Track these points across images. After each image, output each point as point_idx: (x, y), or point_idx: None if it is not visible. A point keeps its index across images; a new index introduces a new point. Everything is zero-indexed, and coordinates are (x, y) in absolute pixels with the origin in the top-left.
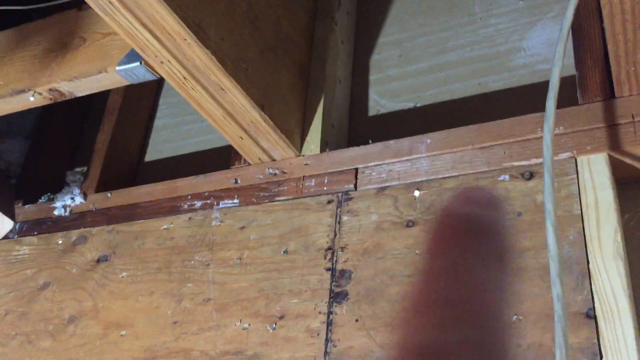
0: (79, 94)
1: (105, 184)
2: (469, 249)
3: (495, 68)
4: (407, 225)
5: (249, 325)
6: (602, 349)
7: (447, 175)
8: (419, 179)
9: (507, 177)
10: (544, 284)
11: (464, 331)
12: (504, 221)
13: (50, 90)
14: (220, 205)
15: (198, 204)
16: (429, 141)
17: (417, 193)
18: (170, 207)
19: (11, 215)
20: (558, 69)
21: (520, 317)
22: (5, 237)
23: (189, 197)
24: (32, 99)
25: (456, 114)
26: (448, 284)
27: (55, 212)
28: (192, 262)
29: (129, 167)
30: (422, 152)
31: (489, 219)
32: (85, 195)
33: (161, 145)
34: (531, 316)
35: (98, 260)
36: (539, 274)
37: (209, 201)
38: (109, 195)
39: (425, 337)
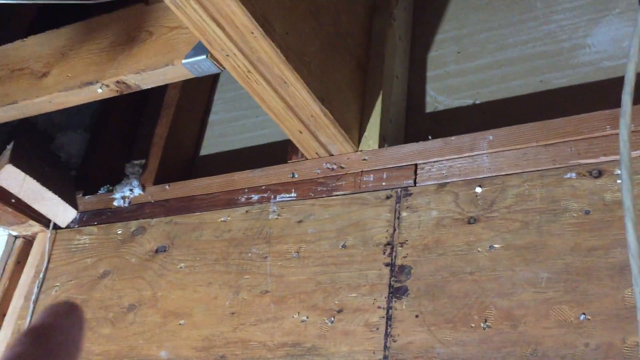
0: (145, 87)
1: (162, 177)
2: None
3: (558, 65)
4: (469, 222)
5: (307, 317)
6: None
7: (510, 172)
8: (480, 176)
9: (574, 174)
10: (613, 283)
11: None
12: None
13: (117, 82)
14: (278, 199)
15: (255, 197)
16: (491, 137)
17: (478, 190)
18: (227, 200)
19: (73, 204)
20: (633, 64)
21: (589, 317)
22: (67, 226)
23: (246, 190)
24: (99, 90)
25: (517, 112)
26: None
27: (115, 203)
28: (250, 254)
29: (185, 161)
30: (484, 148)
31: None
32: (143, 187)
33: (216, 139)
34: (600, 316)
35: (157, 251)
36: (609, 273)
37: (265, 195)
38: (167, 187)
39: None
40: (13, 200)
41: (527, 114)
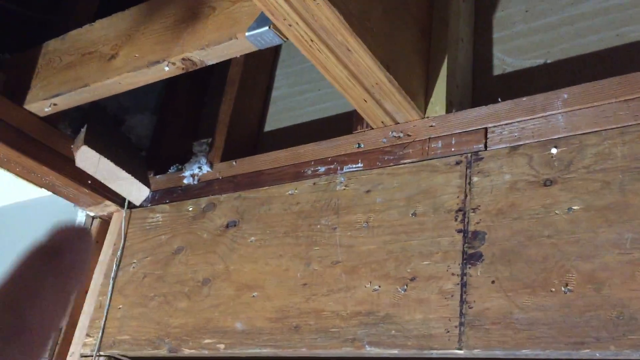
0: (210, 62)
1: (229, 153)
2: None
3: (637, 17)
4: (545, 185)
5: (380, 286)
6: None
7: (587, 131)
8: (555, 136)
9: None
10: None
11: None
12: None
13: (183, 59)
14: (344, 170)
15: (322, 169)
16: (565, 96)
17: (554, 151)
18: (294, 173)
19: (146, 183)
20: None
21: None
22: (140, 205)
23: (312, 162)
24: (166, 69)
25: (591, 69)
26: None
27: (185, 181)
28: (319, 226)
29: (251, 137)
30: (558, 107)
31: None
32: (211, 165)
33: (279, 114)
34: None
35: (227, 226)
36: None
37: (332, 166)
38: (234, 163)
39: None
40: (89, 182)
41: (603, 71)
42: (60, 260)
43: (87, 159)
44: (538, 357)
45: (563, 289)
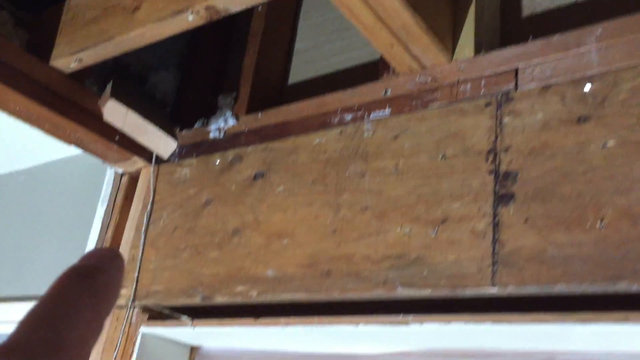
0: (234, 9)
1: (254, 106)
2: None
3: None
4: (578, 122)
5: (410, 230)
6: None
7: (623, 66)
8: (589, 73)
9: None
10: None
11: None
12: None
13: (207, 8)
14: (371, 117)
15: (348, 117)
16: (599, 31)
17: (587, 87)
18: (321, 122)
19: (173, 136)
20: None
21: None
22: (168, 160)
23: (339, 110)
24: (190, 18)
25: (627, 5)
26: None
27: (211, 135)
28: (347, 173)
29: (275, 90)
30: (592, 43)
31: None
32: (237, 117)
33: (304, 66)
34: None
35: (255, 177)
36: None
37: (359, 113)
38: (260, 115)
39: None
40: (117, 138)
41: (637, 7)
42: (94, 281)
43: (115, 112)
44: (573, 292)
45: (598, 224)
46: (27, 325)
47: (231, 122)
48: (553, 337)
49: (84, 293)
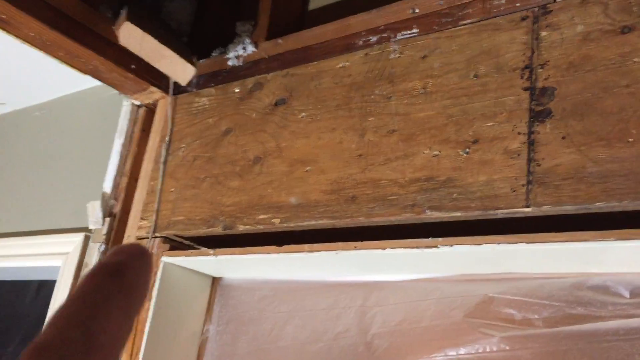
0: None
1: (274, 32)
2: None
3: None
4: (622, 32)
5: (439, 152)
6: None
7: None
8: None
9: None
10: None
11: None
12: None
13: None
14: (398, 37)
15: (374, 38)
16: None
17: None
18: (345, 45)
19: (191, 62)
20: None
21: None
22: (185, 90)
23: (363, 33)
24: None
25: None
26: None
27: (229, 63)
28: (372, 96)
29: (296, 15)
30: None
31: None
32: (256, 44)
33: None
34: None
35: (276, 104)
36: None
37: (385, 34)
38: (280, 41)
39: None
40: (133, 66)
41: None
42: (124, 279)
43: (131, 36)
44: (613, 209)
45: None
46: (58, 324)
47: (250, 49)
48: (586, 258)
49: (114, 292)
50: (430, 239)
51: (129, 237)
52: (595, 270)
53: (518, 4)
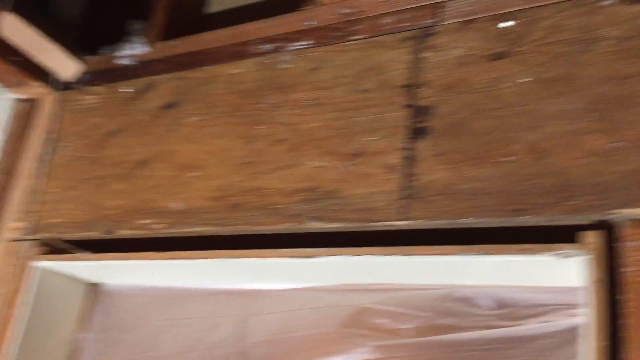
0: None
1: (170, 33)
2: None
3: None
4: (495, 58)
5: (324, 163)
6: None
7: (541, 4)
8: (508, 10)
9: (609, 2)
10: None
11: None
12: None
13: None
14: (291, 48)
15: (268, 47)
16: None
17: (506, 24)
18: (239, 52)
19: (77, 58)
20: None
21: (620, 144)
22: (72, 87)
23: (258, 41)
24: None
25: None
26: None
27: (121, 62)
28: (263, 104)
29: (194, 18)
30: None
31: None
32: (150, 44)
33: None
34: (633, 143)
35: (166, 107)
36: None
37: (278, 44)
38: (175, 42)
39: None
40: (15, 59)
41: None
42: None
43: (14, 27)
44: (478, 225)
45: (507, 159)
46: None
47: (144, 48)
48: (454, 271)
49: None
50: (309, 249)
51: (1, 240)
52: (463, 283)
53: (404, 25)
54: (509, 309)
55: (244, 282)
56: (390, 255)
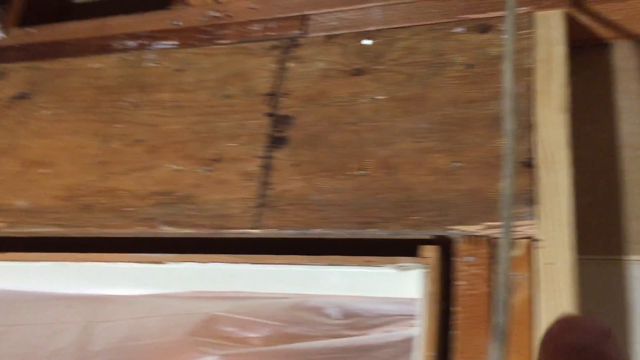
0: None
1: (29, 21)
2: None
3: None
4: (355, 74)
5: (182, 167)
6: (538, 195)
7: (400, 25)
8: (370, 28)
9: (462, 29)
10: (486, 133)
11: None
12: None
13: None
14: (156, 46)
15: (132, 43)
16: None
17: (367, 42)
18: (101, 46)
19: None
20: None
21: (461, 165)
22: None
23: (123, 36)
24: None
25: None
26: None
27: None
28: (123, 102)
29: (56, 5)
30: (376, 0)
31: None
32: (5, 30)
33: None
34: (472, 164)
35: (18, 97)
36: (484, 124)
37: (144, 42)
38: (32, 30)
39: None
40: None
41: None
42: None
43: None
44: (328, 236)
45: (359, 173)
46: None
47: None
48: (305, 281)
49: None
50: (157, 254)
51: None
52: (314, 292)
53: (271, 33)
54: (355, 318)
55: (90, 287)
56: (239, 263)
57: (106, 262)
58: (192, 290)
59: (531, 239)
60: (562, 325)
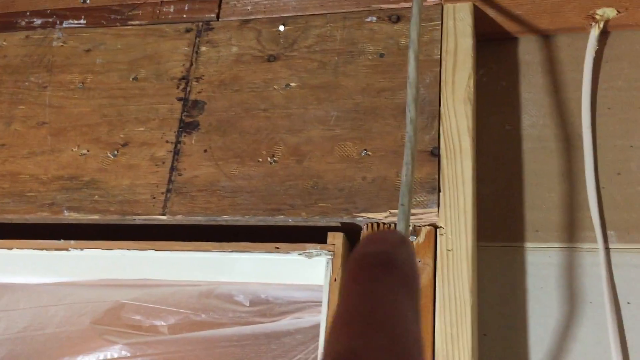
0: None
1: None
2: None
3: None
4: (269, 60)
5: (88, 151)
6: (441, 184)
7: (314, 13)
8: (285, 14)
9: (374, 18)
10: (395, 122)
11: None
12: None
13: None
14: (64, 25)
15: (38, 21)
16: None
17: (281, 28)
18: (4, 23)
19: None
20: None
21: (370, 153)
22: None
23: (28, 13)
24: None
25: None
26: None
27: None
28: (27, 83)
29: None
30: None
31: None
32: None
33: None
34: (379, 152)
35: None
36: (393, 113)
37: (50, 19)
38: None
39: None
40: None
41: None
42: (399, 271)
43: None
44: (237, 223)
45: (269, 159)
46: (355, 330)
47: None
48: (214, 268)
49: (396, 287)
50: (61, 241)
51: None
52: (225, 280)
53: (185, 16)
54: (265, 305)
55: None
56: (146, 250)
57: (6, 248)
58: (98, 278)
59: (434, 226)
60: (365, 239)
